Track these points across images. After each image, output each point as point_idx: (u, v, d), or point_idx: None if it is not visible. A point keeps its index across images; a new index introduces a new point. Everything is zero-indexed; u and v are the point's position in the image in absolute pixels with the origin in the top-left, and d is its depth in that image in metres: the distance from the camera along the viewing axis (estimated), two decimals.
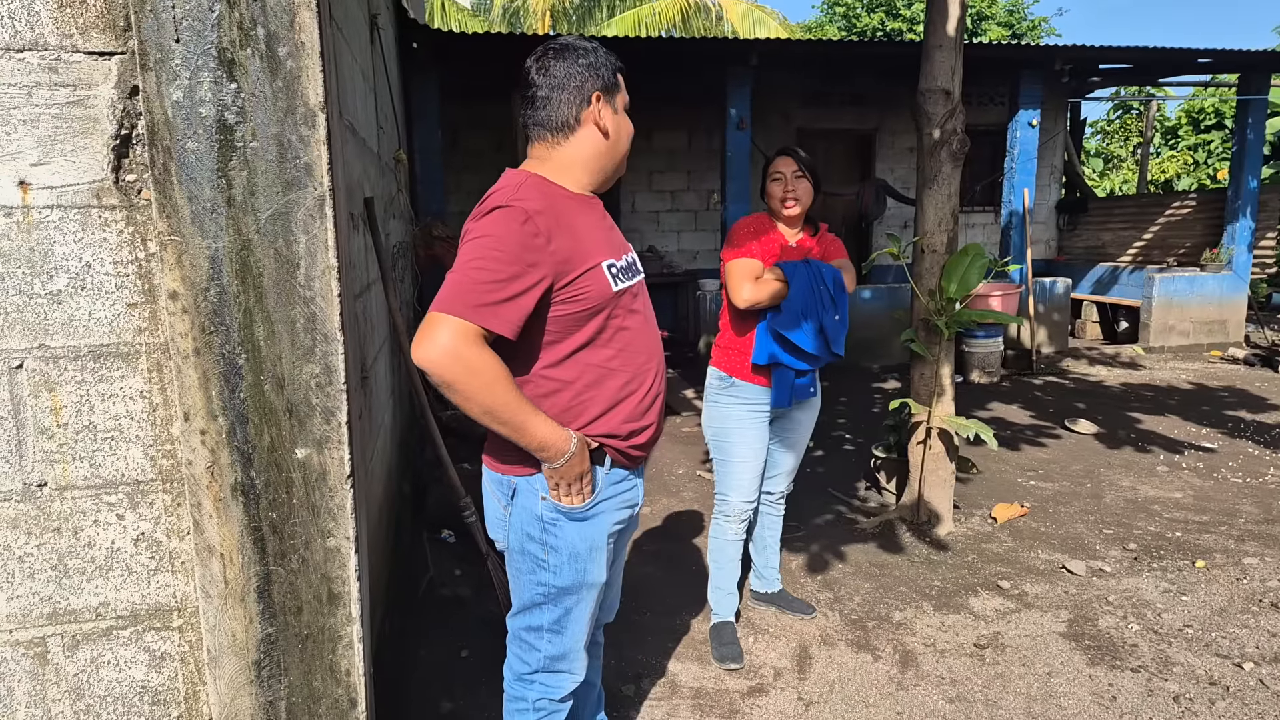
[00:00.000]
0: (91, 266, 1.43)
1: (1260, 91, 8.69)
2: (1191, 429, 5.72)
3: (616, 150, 1.67)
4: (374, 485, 2.75)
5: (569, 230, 1.51)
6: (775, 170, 2.73)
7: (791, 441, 2.91)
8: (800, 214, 2.74)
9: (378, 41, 4.03)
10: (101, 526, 1.47)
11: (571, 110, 1.58)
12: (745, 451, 2.76)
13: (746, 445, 2.76)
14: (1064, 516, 4.08)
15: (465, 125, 8.57)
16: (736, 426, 2.76)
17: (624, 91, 1.67)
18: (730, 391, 2.77)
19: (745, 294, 2.63)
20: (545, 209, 1.48)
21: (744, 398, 2.75)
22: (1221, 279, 8.72)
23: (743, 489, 2.80)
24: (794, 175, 2.70)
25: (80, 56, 1.40)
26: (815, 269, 2.69)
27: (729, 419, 2.77)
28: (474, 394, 1.42)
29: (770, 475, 2.94)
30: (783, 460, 2.93)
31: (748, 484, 2.80)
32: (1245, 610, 3.10)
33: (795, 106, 9.83)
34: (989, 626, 3.00)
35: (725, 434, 2.78)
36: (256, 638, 1.48)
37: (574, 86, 1.58)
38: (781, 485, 2.98)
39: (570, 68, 1.58)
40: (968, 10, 21.24)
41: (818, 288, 2.67)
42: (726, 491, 2.82)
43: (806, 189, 2.72)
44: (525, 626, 1.71)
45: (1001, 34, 21.07)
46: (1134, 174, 18.23)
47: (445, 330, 1.40)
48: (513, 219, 1.45)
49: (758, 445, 2.78)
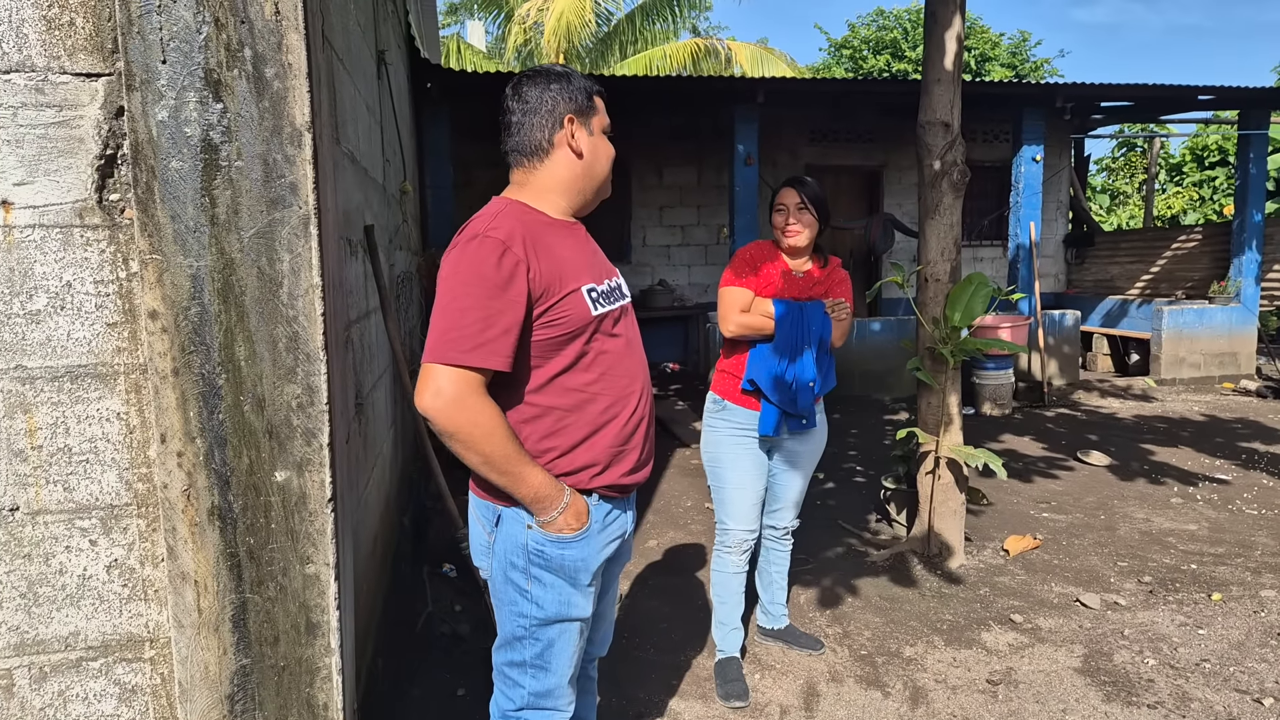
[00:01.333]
0: (72, 286, 1.41)
1: (1260, 128, 8.71)
2: (1205, 461, 5.62)
3: (593, 172, 1.65)
4: (369, 515, 2.70)
5: (548, 255, 1.50)
6: (779, 201, 2.71)
7: (792, 474, 2.82)
8: (803, 245, 2.69)
9: (385, 77, 4.08)
10: (74, 553, 1.43)
11: (544, 134, 1.58)
12: (739, 477, 2.71)
13: (740, 470, 2.70)
14: (1077, 549, 3.98)
15: (476, 161, 8.67)
16: (729, 451, 2.71)
17: (602, 114, 1.66)
18: (722, 414, 2.73)
19: (730, 325, 2.66)
20: (522, 235, 1.48)
21: (735, 421, 2.70)
22: (1230, 311, 8.65)
23: (739, 516, 2.73)
24: (796, 208, 2.67)
25: (67, 78, 1.40)
26: (803, 319, 2.65)
27: (721, 443, 2.72)
28: (474, 443, 1.44)
29: (772, 509, 2.86)
30: (784, 493, 2.84)
31: (744, 512, 2.73)
32: (1263, 644, 2.99)
33: (803, 143, 9.91)
34: (1002, 662, 2.90)
35: (718, 459, 2.73)
36: (230, 669, 1.43)
37: (546, 110, 1.57)
38: (785, 519, 2.89)
39: (542, 92, 1.58)
40: (971, 52, 21.40)
41: (797, 338, 2.63)
42: (724, 519, 2.76)
43: (809, 221, 2.68)
44: (508, 661, 1.65)
45: (1005, 74, 21.27)
46: (1140, 209, 18.24)
47: (445, 380, 1.41)
48: (490, 251, 1.44)
49: (753, 471, 2.71)
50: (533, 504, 1.51)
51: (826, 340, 2.69)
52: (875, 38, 22.71)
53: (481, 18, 16.38)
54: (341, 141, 2.49)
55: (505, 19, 15.44)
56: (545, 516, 1.52)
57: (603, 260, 1.70)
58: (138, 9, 1.36)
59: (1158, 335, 8.61)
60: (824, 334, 2.68)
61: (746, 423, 2.70)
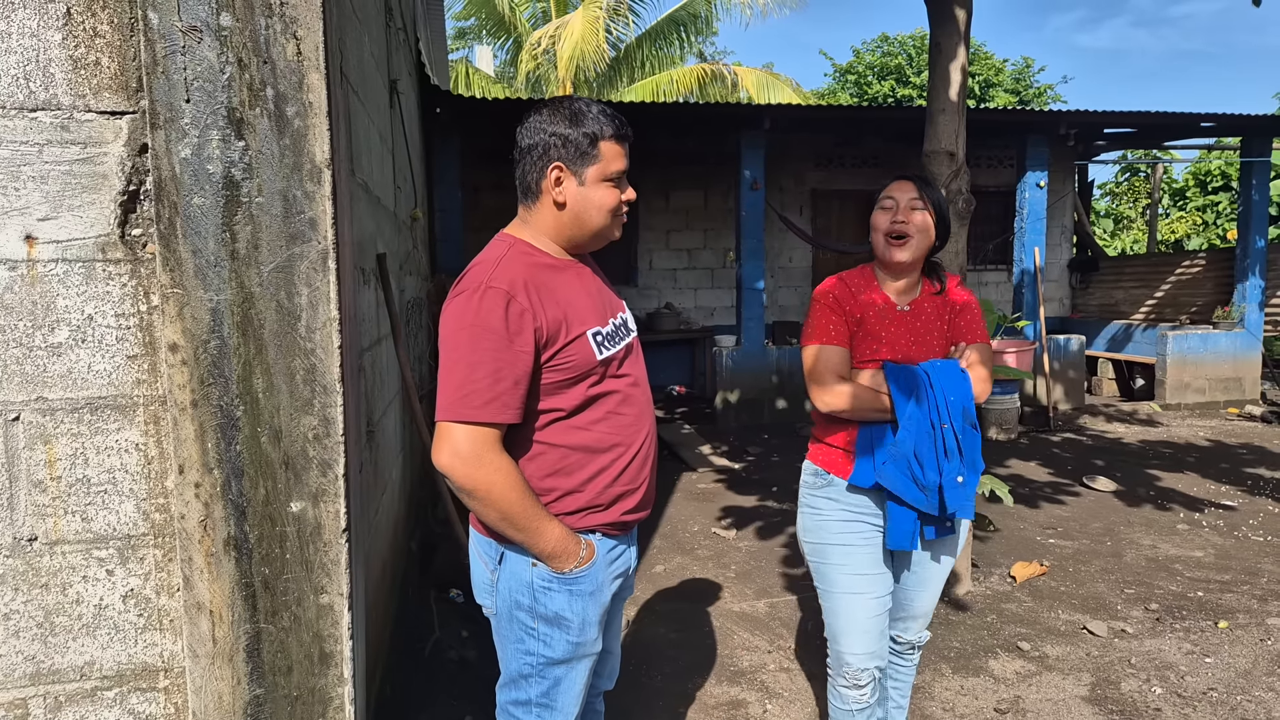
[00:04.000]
0: (94, 319, 1.43)
1: (1263, 154, 8.76)
2: (1211, 486, 5.60)
3: (580, 222, 1.57)
4: (378, 542, 2.71)
5: (552, 300, 1.50)
6: (887, 195, 2.04)
7: (925, 577, 2.10)
8: (913, 261, 2.01)
9: (397, 105, 4.14)
10: (90, 583, 1.45)
11: (533, 177, 1.55)
12: (851, 579, 2.02)
13: (853, 568, 2.02)
14: (1084, 576, 3.97)
15: (486, 186, 8.77)
16: (840, 542, 2.02)
17: (607, 161, 1.54)
18: (827, 492, 2.05)
19: (825, 398, 1.98)
20: (525, 282, 1.47)
21: (847, 505, 2.02)
22: (1235, 337, 8.66)
23: (855, 636, 2.02)
24: (909, 202, 1.99)
25: (92, 116, 1.43)
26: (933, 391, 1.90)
27: (827, 530, 2.04)
28: (492, 501, 1.45)
29: (896, 618, 2.15)
30: (912, 602, 2.14)
31: (863, 628, 2.02)
32: (1270, 672, 2.98)
33: (809, 168, 9.99)
34: (1009, 690, 2.89)
35: (824, 552, 2.05)
36: (244, 700, 1.44)
37: (537, 154, 1.53)
38: (912, 631, 2.19)
39: (538, 134, 1.53)
40: (976, 78, 21.52)
41: (926, 419, 1.89)
42: (836, 640, 2.07)
43: (923, 224, 1.98)
44: (513, 700, 1.63)
45: (1009, 100, 21.42)
46: (1144, 234, 18.28)
47: (462, 438, 1.43)
48: (495, 303, 1.44)
49: (875, 572, 2.01)
50: (550, 559, 1.52)
51: (971, 410, 1.94)
52: (880, 63, 22.92)
53: (490, 43, 16.56)
54: (356, 173, 2.53)
55: (514, 45, 15.61)
56: (561, 571, 1.54)
57: (608, 296, 1.68)
58: (163, 50, 1.39)
59: (1162, 360, 8.61)
60: (966, 402, 1.92)
61: (867, 510, 2.02)
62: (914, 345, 2.00)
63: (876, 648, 2.03)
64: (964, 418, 1.92)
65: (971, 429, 1.95)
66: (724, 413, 7.92)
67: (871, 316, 2.01)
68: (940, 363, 1.95)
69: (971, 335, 2.03)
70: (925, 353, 2.00)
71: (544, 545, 1.50)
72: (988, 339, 2.05)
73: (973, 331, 2.04)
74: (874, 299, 2.04)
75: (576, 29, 12.41)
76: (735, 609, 3.63)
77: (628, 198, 1.61)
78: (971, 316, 2.05)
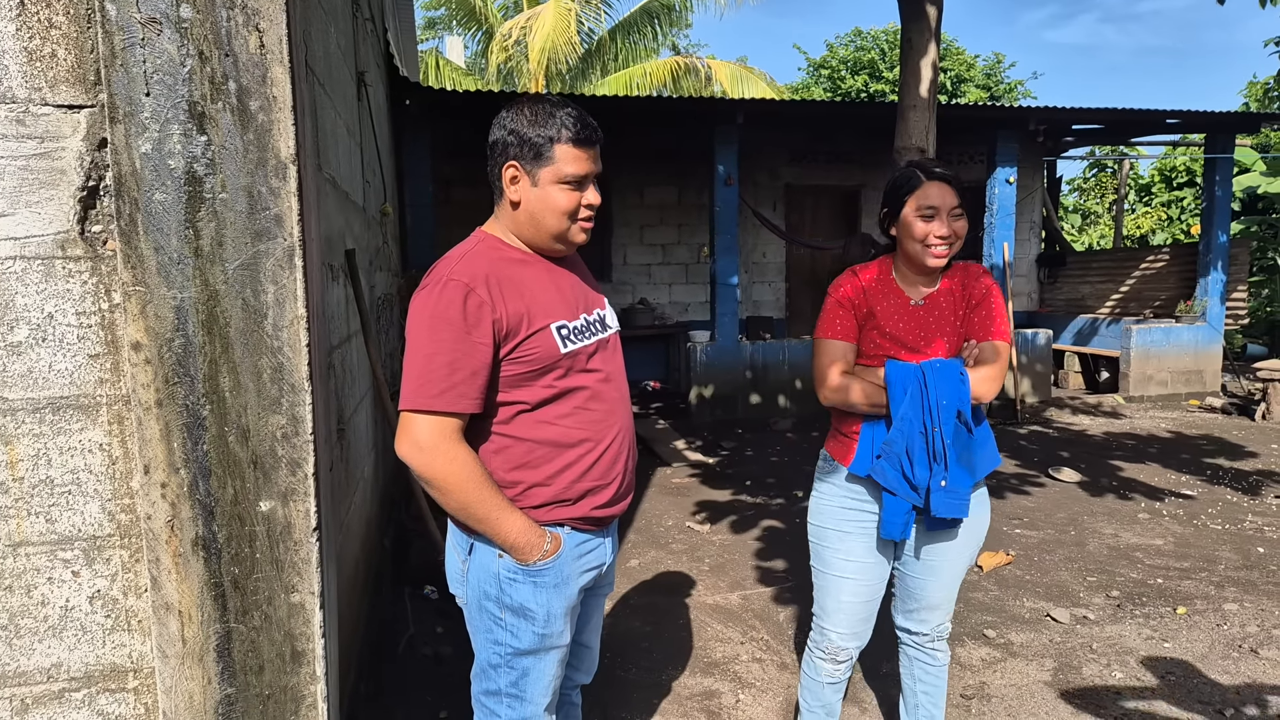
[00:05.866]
0: (54, 318, 1.41)
1: (1225, 150, 8.94)
2: (1172, 476, 5.73)
3: (536, 223, 1.56)
4: (350, 539, 2.70)
5: (515, 294, 1.51)
6: (925, 204, 1.93)
7: (932, 566, 2.06)
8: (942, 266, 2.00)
9: (364, 98, 4.10)
10: (56, 584, 1.43)
11: (494, 173, 1.58)
12: (841, 563, 2.06)
13: (845, 553, 2.05)
14: (1049, 564, 4.05)
15: (457, 180, 8.69)
16: (836, 526, 2.07)
17: (560, 164, 1.52)
18: (832, 478, 2.09)
19: (825, 391, 2.02)
20: (486, 276, 1.49)
21: (850, 492, 2.05)
22: (1196, 330, 8.84)
23: (839, 618, 2.08)
24: (952, 213, 1.93)
25: (49, 109, 1.41)
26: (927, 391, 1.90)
27: (827, 513, 2.09)
28: (451, 490, 1.48)
29: (908, 608, 2.15)
30: (923, 591, 2.10)
31: (846, 611, 2.08)
32: (1226, 656, 3.06)
33: (782, 163, 10.03)
34: (975, 676, 2.95)
35: (822, 535, 2.11)
36: (215, 699, 1.43)
37: (498, 151, 1.56)
38: (930, 623, 2.13)
39: (499, 131, 1.55)
40: (947, 73, 21.71)
41: (918, 419, 1.90)
42: (822, 616, 2.14)
43: (963, 229, 1.95)
44: (484, 690, 1.66)
45: (980, 95, 21.65)
46: (1110, 229, 18.59)
47: (421, 428, 1.46)
48: (454, 295, 1.47)
49: (866, 561, 2.05)
50: (512, 550, 1.54)
51: (967, 411, 1.91)
52: (853, 58, 23.06)
53: (460, 33, 16.43)
54: (323, 167, 2.50)
55: (485, 35, 15.50)
56: (525, 563, 1.55)
57: (585, 293, 1.68)
58: (121, 42, 1.37)
59: (1126, 353, 8.78)
60: (960, 405, 1.90)
61: (865, 498, 2.04)
62: (923, 342, 1.98)
63: (859, 629, 2.10)
64: (956, 420, 1.91)
65: (967, 431, 1.93)
66: (698, 408, 7.95)
67: (883, 311, 2.00)
68: (940, 363, 1.92)
69: (984, 332, 1.99)
70: (934, 349, 1.98)
71: (505, 536, 1.52)
72: (1004, 334, 1.99)
73: (985, 328, 1.99)
74: (888, 293, 2.02)
75: (548, 20, 12.34)
76: (709, 601, 3.65)
77: (588, 202, 1.58)
78: (987, 312, 1.99)
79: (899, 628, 2.19)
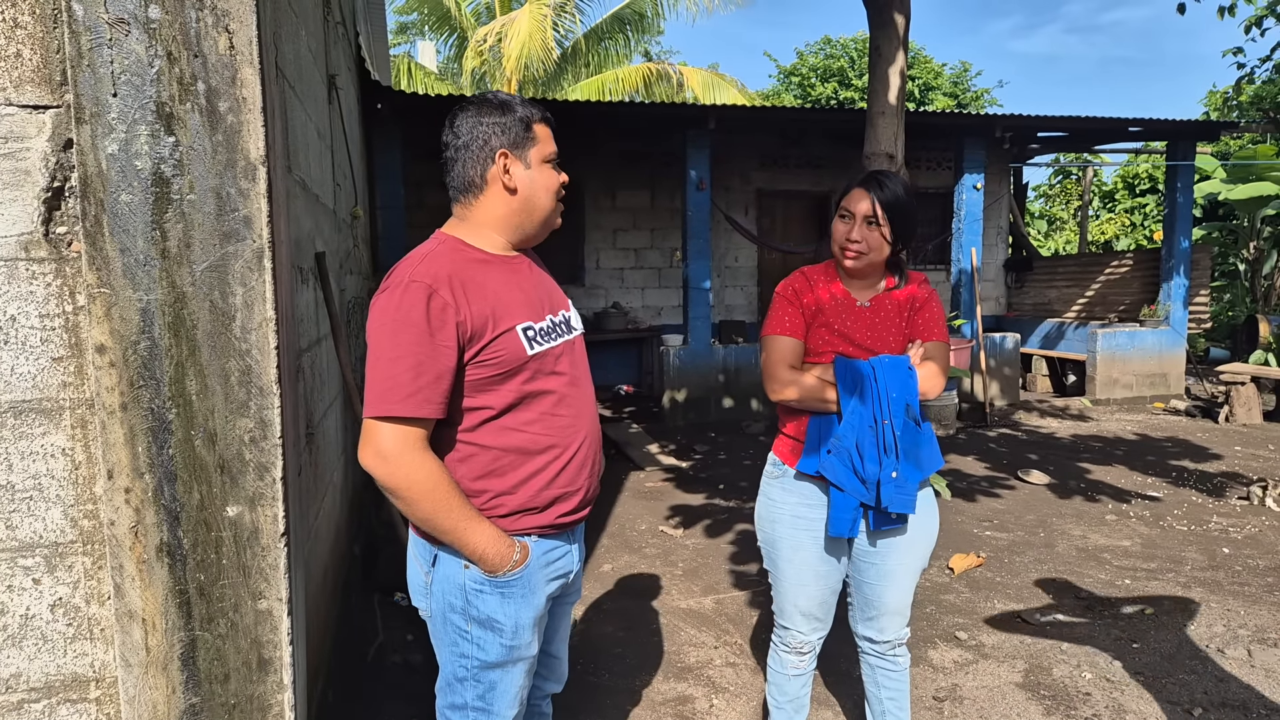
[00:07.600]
0: (16, 320, 1.39)
1: (1187, 158, 9.15)
2: (1138, 478, 5.84)
3: (531, 207, 1.59)
4: (319, 546, 2.67)
5: (479, 295, 1.48)
6: (845, 206, 2.03)
7: (886, 570, 2.08)
8: (870, 265, 2.04)
9: (335, 101, 4.06)
10: (16, 592, 1.40)
11: (477, 170, 1.55)
12: (798, 570, 2.09)
13: (801, 564, 2.09)
14: (1019, 566, 4.10)
15: (428, 181, 8.64)
16: (787, 533, 2.09)
17: (544, 143, 1.58)
18: (781, 482, 2.11)
19: (773, 386, 2.04)
20: (449, 277, 1.46)
21: (799, 496, 2.07)
22: (1160, 334, 9.03)
23: (800, 618, 2.14)
24: (864, 219, 1.99)
25: (13, 109, 1.38)
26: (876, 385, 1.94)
27: (778, 519, 2.11)
28: (415, 500, 1.43)
29: (866, 616, 2.16)
30: (879, 596, 2.11)
31: (805, 613, 2.13)
32: (1193, 656, 3.12)
33: (753, 168, 10.10)
34: (947, 678, 2.98)
35: (774, 541, 2.12)
36: (179, 709, 1.41)
37: (478, 145, 1.53)
38: (889, 631, 2.14)
39: (474, 127, 1.54)
40: (915, 81, 21.99)
41: (867, 413, 1.94)
42: (782, 616, 2.19)
43: (878, 242, 2.00)
44: (449, 704, 1.61)
45: (947, 103, 21.97)
46: (1076, 235, 18.94)
47: (385, 437, 1.41)
48: (417, 297, 1.42)
49: (816, 564, 2.08)
50: (480, 561, 1.49)
51: (915, 406, 1.97)
52: (823, 65, 23.28)
53: (433, 38, 16.35)
54: (293, 169, 2.48)
55: (458, 40, 15.44)
56: (493, 574, 1.51)
57: (549, 293, 1.66)
58: (88, 42, 1.35)
59: (1092, 357, 8.94)
60: (909, 398, 1.95)
61: (814, 501, 2.06)
62: (871, 340, 2.03)
63: (818, 624, 2.16)
64: (905, 414, 1.95)
65: (915, 425, 1.98)
66: (671, 411, 7.97)
67: (830, 310, 2.05)
68: (888, 359, 1.98)
69: (928, 333, 2.06)
70: (882, 348, 2.03)
71: (473, 547, 1.48)
72: (945, 337, 2.08)
73: (929, 329, 2.06)
74: (834, 293, 2.07)
75: (524, 26, 12.32)
76: (682, 606, 3.66)
77: (563, 180, 1.64)
78: (930, 315, 2.07)
79: (860, 636, 2.21)
